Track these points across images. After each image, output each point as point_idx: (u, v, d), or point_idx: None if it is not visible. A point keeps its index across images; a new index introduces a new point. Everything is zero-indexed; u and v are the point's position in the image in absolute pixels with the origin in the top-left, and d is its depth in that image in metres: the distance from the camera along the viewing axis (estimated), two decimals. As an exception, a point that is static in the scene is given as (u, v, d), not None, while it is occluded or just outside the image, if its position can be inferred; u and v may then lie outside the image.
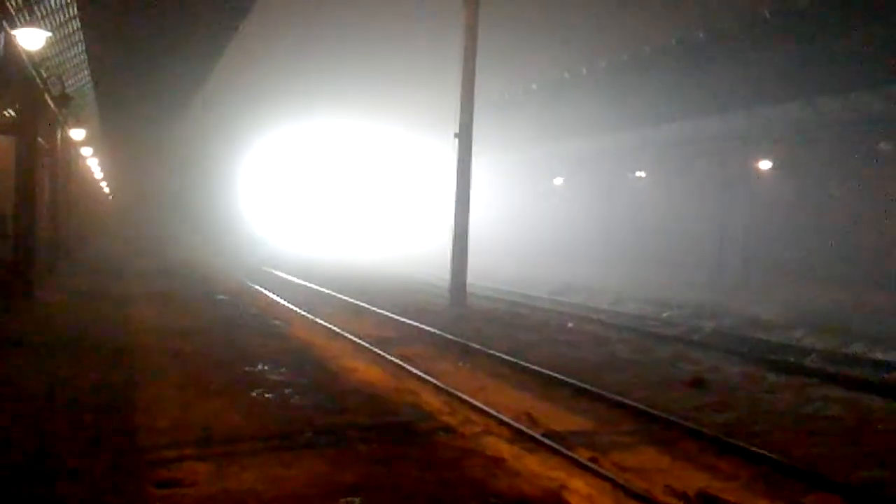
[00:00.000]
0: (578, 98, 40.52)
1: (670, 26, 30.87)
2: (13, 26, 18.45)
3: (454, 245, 26.38)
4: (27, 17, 19.59)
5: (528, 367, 15.25)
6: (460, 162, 26.05)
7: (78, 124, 33.74)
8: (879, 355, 18.86)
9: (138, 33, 30.33)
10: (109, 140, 57.36)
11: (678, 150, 41.50)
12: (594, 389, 13.23)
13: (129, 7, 27.17)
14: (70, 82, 31.10)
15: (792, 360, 18.22)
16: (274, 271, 40.50)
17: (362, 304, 25.71)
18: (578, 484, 8.60)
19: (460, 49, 25.82)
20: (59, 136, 32.64)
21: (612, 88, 37.70)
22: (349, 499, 7.89)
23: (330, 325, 20.37)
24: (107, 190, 70.22)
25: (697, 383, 14.52)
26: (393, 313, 23.27)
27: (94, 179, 58.60)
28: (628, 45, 33.48)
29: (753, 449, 9.97)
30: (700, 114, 38.46)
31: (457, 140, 26.03)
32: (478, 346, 17.55)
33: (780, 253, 35.13)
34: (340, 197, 66.44)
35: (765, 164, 37.05)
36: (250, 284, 32.45)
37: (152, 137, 61.53)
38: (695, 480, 9.03)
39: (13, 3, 18.78)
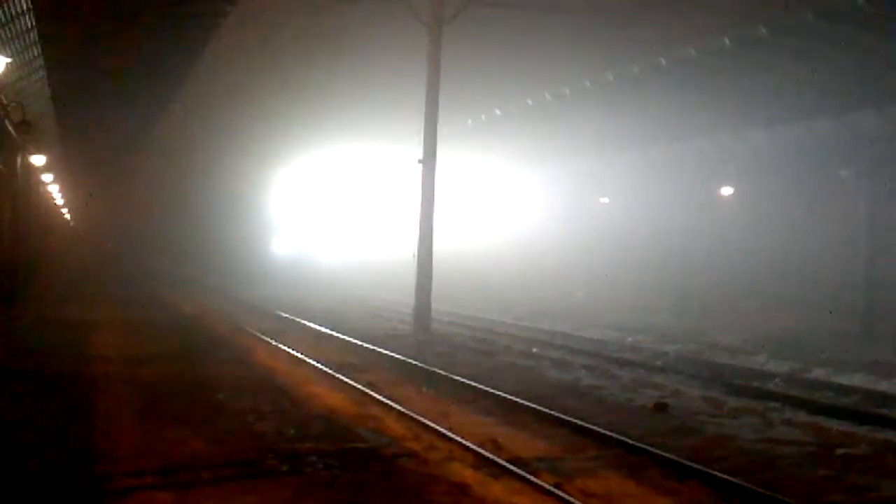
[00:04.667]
0: (544, 123, 40.71)
1: (632, 54, 31.10)
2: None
3: (418, 271, 26.39)
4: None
5: (492, 393, 15.21)
6: (424, 188, 26.09)
7: (39, 150, 33.50)
8: (842, 380, 18.97)
9: (100, 58, 30.16)
10: (71, 166, 56.86)
11: (642, 175, 41.76)
12: (558, 415, 13.21)
13: (89, 33, 27.03)
14: (31, 108, 30.87)
15: (755, 384, 18.28)
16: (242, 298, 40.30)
17: (326, 329, 25.65)
18: (543, 510, 8.58)
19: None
20: (19, 162, 32.39)
21: (577, 114, 37.90)
22: (312, 526, 7.85)
23: (292, 351, 20.28)
24: (68, 216, 69.69)
25: (661, 408, 14.56)
26: (356, 339, 23.20)
27: (55, 206, 58.19)
28: (591, 72, 33.68)
29: (716, 474, 9.99)
30: (664, 140, 38.77)
31: (421, 165, 26.12)
32: (442, 372, 17.51)
33: (743, 278, 35.33)
34: (341, 218, 61.93)
35: (727, 191, 37.37)
36: (214, 310, 32.26)
37: (117, 162, 60.66)
38: (659, 506, 9.03)
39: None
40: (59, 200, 58.78)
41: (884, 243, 29.79)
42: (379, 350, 21.08)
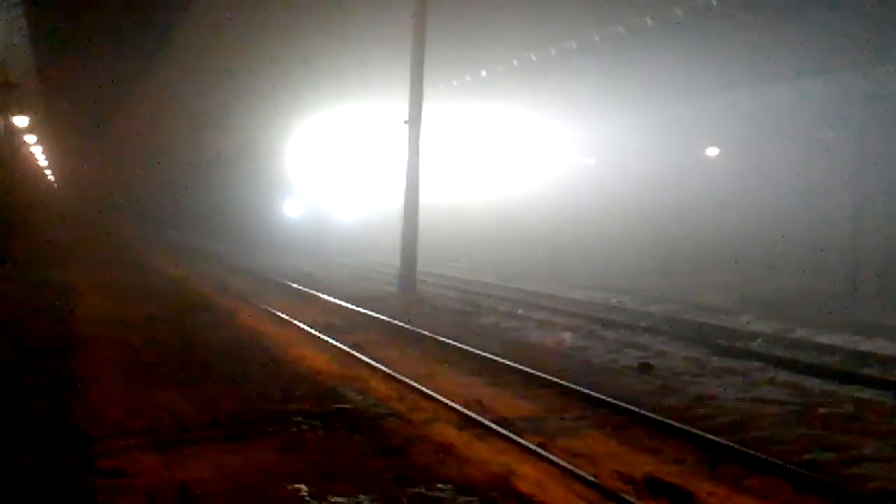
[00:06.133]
0: (530, 84, 40.58)
1: (618, 15, 30.97)
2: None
3: (403, 232, 26.32)
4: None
5: (477, 354, 15.26)
6: (411, 148, 25.99)
7: (22, 111, 33.24)
8: (824, 339, 19.09)
9: (84, 15, 29.85)
10: (56, 127, 56.33)
11: (627, 136, 41.67)
12: (543, 375, 13.27)
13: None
14: (13, 69, 30.60)
15: (738, 344, 18.38)
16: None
17: (311, 290, 25.65)
18: (527, 469, 8.64)
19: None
20: (1, 124, 32.15)
21: (561, 75, 37.79)
22: (297, 486, 7.89)
23: (278, 313, 20.28)
24: (52, 178, 69.18)
25: (644, 368, 14.66)
26: (342, 300, 23.22)
27: (39, 167, 57.80)
28: (577, 34, 33.55)
29: (699, 433, 10.07)
30: (650, 101, 38.69)
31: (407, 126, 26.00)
32: (427, 333, 17.54)
33: (729, 239, 35.42)
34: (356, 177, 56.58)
35: (713, 151, 37.36)
36: (202, 274, 32.19)
37: (104, 121, 59.69)
38: (642, 465, 9.08)
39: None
40: (43, 162, 58.34)
41: (868, 204, 29.89)
42: (364, 311, 21.10)
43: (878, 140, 29.50)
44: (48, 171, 66.06)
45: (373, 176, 51.23)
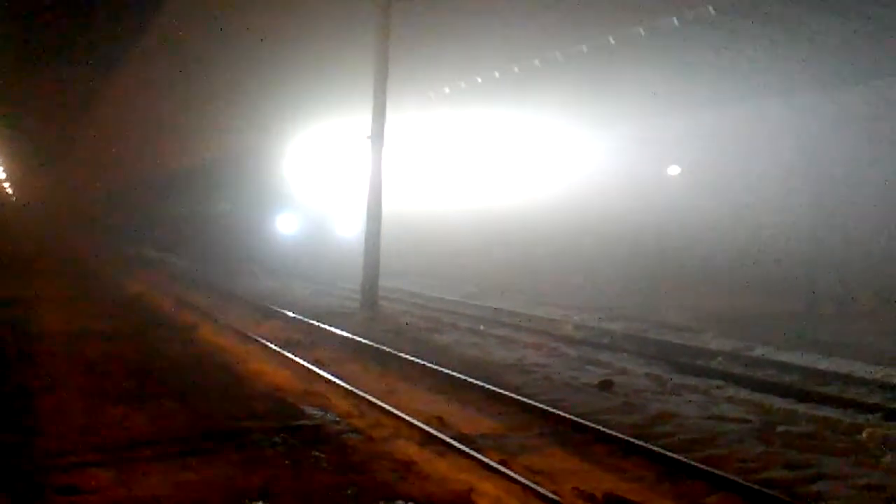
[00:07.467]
0: (495, 101, 40.65)
1: (581, 33, 31.09)
2: None
3: (366, 248, 26.22)
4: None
5: (439, 370, 15.21)
6: (373, 165, 25.93)
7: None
8: (783, 358, 19.21)
9: (44, 14, 29.46)
10: (13, 136, 55.40)
11: (598, 154, 41.83)
12: (505, 392, 13.26)
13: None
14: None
15: (699, 362, 18.47)
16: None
17: (271, 306, 25.53)
18: (488, 487, 8.61)
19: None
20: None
21: (526, 92, 37.88)
22: (255, 503, 7.82)
23: (238, 328, 20.15)
24: (10, 191, 68.35)
25: (606, 385, 14.66)
26: (303, 316, 23.12)
27: (-3, 179, 57.16)
28: (537, 51, 33.62)
29: (659, 450, 10.09)
30: (612, 120, 38.88)
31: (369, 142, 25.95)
32: (389, 349, 17.49)
33: (691, 258, 35.62)
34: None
35: (674, 170, 37.58)
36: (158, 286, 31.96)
37: (67, 129, 58.55)
38: (602, 482, 9.08)
39: None
40: (1, 175, 57.66)
41: (826, 225, 30.22)
42: (326, 327, 21.02)
43: (838, 162, 29.85)
44: (6, 184, 65.19)
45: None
